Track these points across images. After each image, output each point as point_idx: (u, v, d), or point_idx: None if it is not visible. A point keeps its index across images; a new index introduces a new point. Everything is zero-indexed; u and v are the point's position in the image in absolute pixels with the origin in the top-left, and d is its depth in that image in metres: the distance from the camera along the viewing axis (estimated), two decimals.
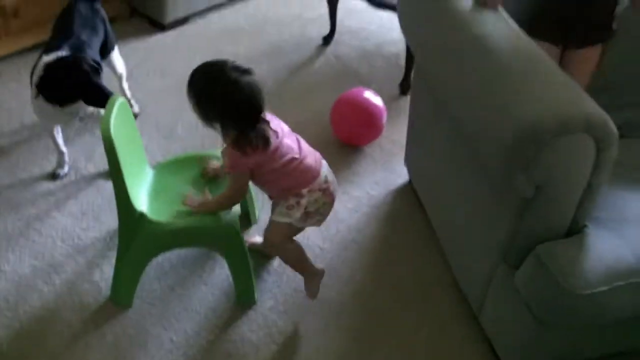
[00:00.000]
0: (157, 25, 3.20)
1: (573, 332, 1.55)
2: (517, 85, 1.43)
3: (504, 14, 1.68)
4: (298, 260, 1.82)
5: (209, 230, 1.77)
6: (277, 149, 1.62)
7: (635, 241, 1.47)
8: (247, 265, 1.83)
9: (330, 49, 3.17)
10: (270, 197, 1.79)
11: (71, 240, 2.07)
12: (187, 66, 1.65)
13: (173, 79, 2.82)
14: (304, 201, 1.66)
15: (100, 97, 1.98)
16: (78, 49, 2.08)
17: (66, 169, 2.32)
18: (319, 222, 1.76)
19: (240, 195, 1.75)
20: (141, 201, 1.78)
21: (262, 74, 2.91)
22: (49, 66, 2.02)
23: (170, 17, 3.15)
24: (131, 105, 2.59)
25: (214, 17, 3.33)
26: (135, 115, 2.58)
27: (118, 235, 1.80)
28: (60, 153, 2.29)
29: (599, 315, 1.42)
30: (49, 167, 2.35)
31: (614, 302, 1.40)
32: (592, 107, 1.37)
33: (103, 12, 2.33)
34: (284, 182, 1.66)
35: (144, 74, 2.86)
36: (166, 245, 1.84)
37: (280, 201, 1.70)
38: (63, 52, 2.02)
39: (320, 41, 3.21)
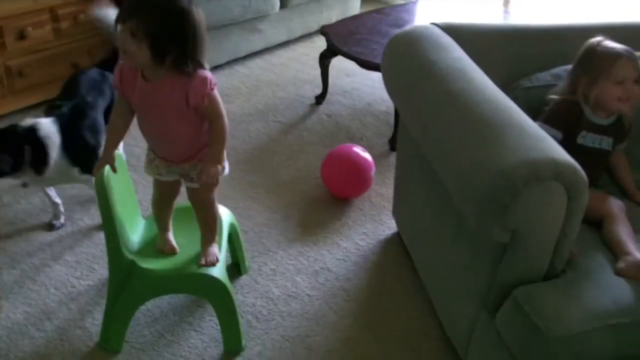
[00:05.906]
0: None
1: None
2: (491, 136, 1.50)
3: (479, 70, 1.79)
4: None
5: (195, 278, 1.82)
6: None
7: (612, 288, 1.51)
8: (234, 313, 1.86)
9: (323, 108, 3.30)
10: None
11: (64, 288, 2.11)
12: None
13: None
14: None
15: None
16: (80, 109, 2.19)
17: (62, 219, 2.38)
18: None
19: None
20: (133, 249, 1.85)
21: (256, 131, 3.05)
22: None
23: None
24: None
25: None
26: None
27: (108, 282, 1.85)
28: (54, 204, 2.36)
29: (578, 358, 1.45)
30: (46, 218, 2.41)
31: (593, 345, 1.42)
32: (561, 156, 1.43)
33: (112, 80, 2.44)
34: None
35: (130, 139, 2.92)
36: (155, 291, 1.89)
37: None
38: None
39: (313, 100, 3.34)
